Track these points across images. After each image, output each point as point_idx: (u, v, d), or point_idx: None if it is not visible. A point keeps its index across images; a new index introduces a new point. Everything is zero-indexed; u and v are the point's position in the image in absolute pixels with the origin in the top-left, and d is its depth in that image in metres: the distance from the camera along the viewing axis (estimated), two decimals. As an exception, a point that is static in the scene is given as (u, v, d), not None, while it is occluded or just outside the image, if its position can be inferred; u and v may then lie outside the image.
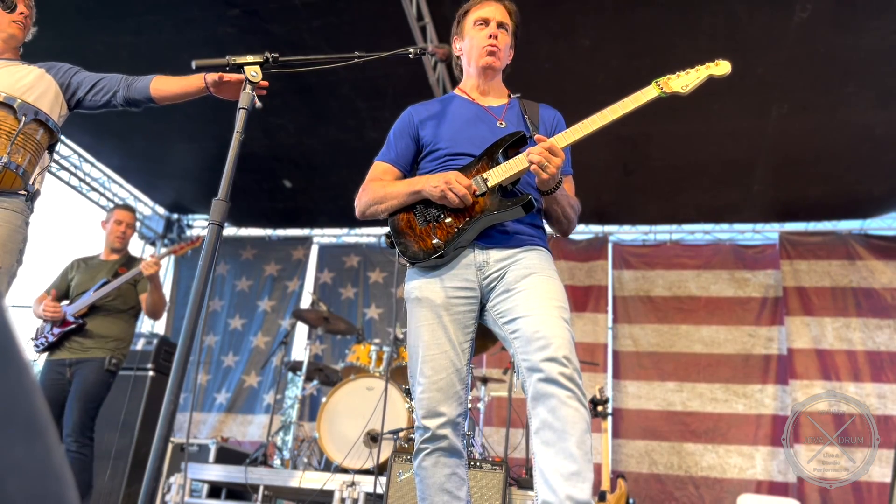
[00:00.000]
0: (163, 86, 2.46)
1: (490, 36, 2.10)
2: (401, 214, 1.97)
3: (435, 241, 1.89)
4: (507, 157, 1.93)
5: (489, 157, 1.95)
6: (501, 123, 2.06)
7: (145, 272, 3.51)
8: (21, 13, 2.56)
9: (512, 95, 2.19)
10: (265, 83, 1.86)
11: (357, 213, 2.05)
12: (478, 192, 1.89)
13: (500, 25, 2.13)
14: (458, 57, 2.24)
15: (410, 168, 2.12)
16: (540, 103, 2.15)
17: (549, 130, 2.07)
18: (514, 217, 1.90)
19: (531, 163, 1.82)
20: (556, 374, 1.66)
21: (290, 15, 4.64)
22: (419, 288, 1.94)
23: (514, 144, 1.95)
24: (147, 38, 4.93)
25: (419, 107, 2.19)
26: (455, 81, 3.12)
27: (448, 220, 1.90)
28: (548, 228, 2.10)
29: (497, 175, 1.90)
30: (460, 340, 1.89)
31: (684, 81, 1.98)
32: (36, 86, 2.44)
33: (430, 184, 1.90)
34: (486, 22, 2.12)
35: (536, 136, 1.87)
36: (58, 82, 2.51)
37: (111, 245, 3.85)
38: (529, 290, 1.82)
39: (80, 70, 2.58)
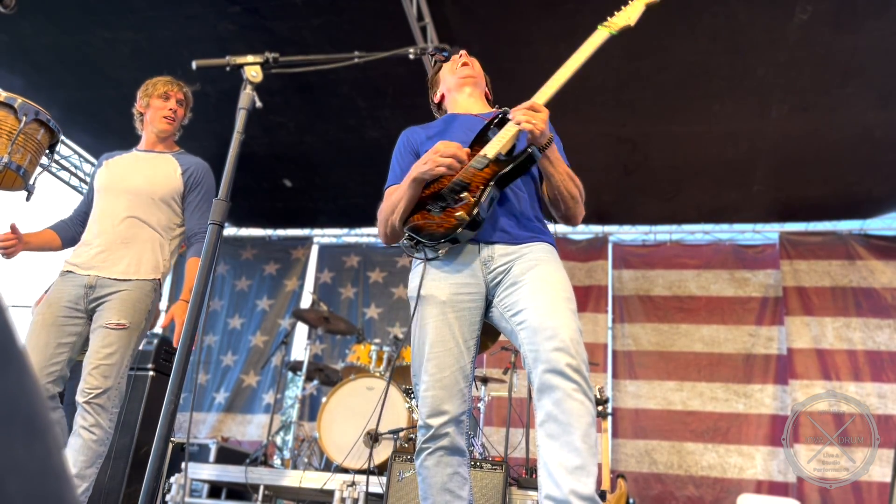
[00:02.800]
0: (189, 269, 2.69)
1: (461, 58, 2.29)
2: (414, 215, 1.96)
3: (458, 215, 1.87)
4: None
5: (481, 141, 2.00)
6: None
7: None
8: (171, 109, 2.73)
9: (498, 107, 2.25)
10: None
11: (381, 239, 2.06)
12: (480, 167, 1.92)
13: (470, 55, 2.31)
14: (438, 105, 2.37)
15: None
16: None
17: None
18: (523, 171, 1.93)
19: (518, 123, 1.87)
20: (563, 366, 1.66)
21: (291, 13, 4.64)
22: (424, 285, 1.94)
23: (499, 127, 2.01)
24: (148, 34, 4.93)
25: (416, 128, 2.26)
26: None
27: (463, 194, 1.91)
28: (551, 227, 2.12)
29: (493, 147, 1.94)
30: (465, 338, 1.89)
31: (627, 15, 2.16)
32: (163, 179, 2.68)
33: (421, 164, 1.91)
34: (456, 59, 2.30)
35: (514, 109, 1.92)
36: (182, 184, 2.71)
37: None
38: (536, 281, 1.83)
39: (201, 199, 2.74)
